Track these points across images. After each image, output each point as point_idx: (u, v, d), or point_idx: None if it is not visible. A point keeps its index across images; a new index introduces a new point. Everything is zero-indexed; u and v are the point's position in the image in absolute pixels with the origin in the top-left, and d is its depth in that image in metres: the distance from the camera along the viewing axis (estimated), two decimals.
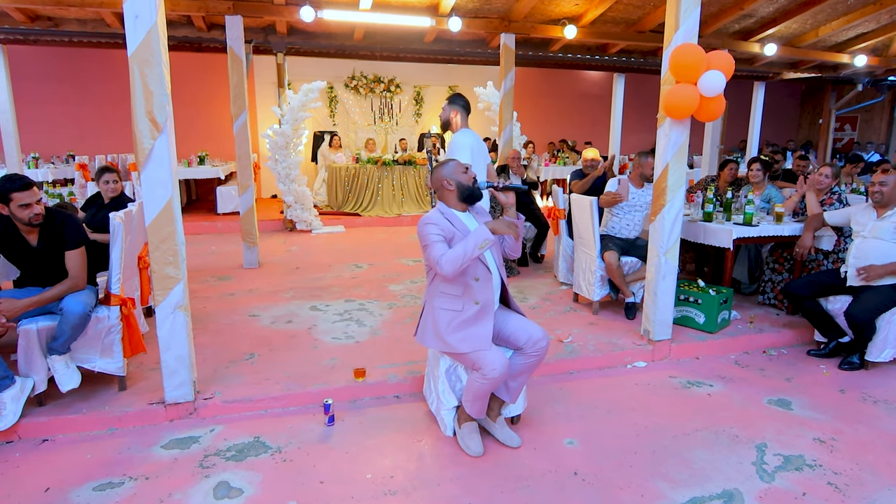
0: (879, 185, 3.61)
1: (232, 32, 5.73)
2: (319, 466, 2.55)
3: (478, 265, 2.58)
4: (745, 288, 5.05)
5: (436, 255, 2.46)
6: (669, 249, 3.62)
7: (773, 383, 3.47)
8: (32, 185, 2.77)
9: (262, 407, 3.05)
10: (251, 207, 6.01)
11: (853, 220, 3.84)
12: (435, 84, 11.75)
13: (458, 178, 2.61)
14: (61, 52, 9.47)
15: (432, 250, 2.48)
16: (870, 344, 3.60)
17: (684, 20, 3.36)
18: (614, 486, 2.42)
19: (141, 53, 2.57)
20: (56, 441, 2.75)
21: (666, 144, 3.51)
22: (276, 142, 7.60)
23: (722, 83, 3.28)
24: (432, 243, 2.49)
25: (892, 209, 3.62)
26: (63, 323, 2.78)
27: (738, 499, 2.34)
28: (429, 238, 2.51)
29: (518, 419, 2.91)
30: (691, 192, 5.26)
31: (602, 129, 11.91)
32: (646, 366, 3.69)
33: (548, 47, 8.63)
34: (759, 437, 2.83)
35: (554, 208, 5.42)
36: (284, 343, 3.81)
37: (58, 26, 6.77)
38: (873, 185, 3.65)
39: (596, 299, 4.40)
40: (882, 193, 3.61)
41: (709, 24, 7.69)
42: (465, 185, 2.61)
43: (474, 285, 2.56)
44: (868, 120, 13.95)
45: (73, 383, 2.86)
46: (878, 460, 2.64)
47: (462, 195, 2.62)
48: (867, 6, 7.43)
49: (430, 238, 2.50)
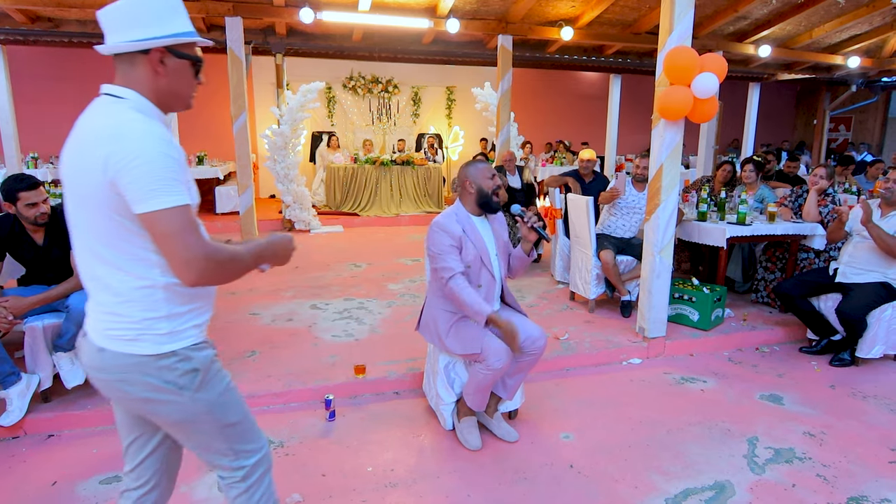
0: (894, 183, 3.65)
1: (232, 34, 5.79)
2: (321, 460, 2.60)
3: (482, 271, 2.61)
4: (738, 286, 5.13)
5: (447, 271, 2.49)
6: (664, 248, 3.68)
7: (765, 379, 3.54)
8: (39, 185, 2.81)
9: (264, 403, 3.10)
10: (250, 207, 6.06)
11: (855, 220, 3.87)
12: (433, 85, 11.80)
13: (481, 182, 2.59)
14: (61, 52, 9.49)
15: (442, 261, 2.51)
16: (860, 341, 3.67)
17: (678, 23, 3.42)
18: (609, 478, 2.49)
19: None
20: (62, 436, 2.80)
21: (660, 145, 3.57)
22: (274, 142, 7.65)
23: (715, 85, 3.35)
24: (441, 255, 2.52)
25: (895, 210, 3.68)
26: (68, 320, 2.83)
27: (729, 490, 2.41)
28: (440, 247, 2.52)
29: (515, 414, 2.97)
30: (686, 192, 5.34)
31: (599, 130, 11.98)
32: (641, 362, 3.76)
33: (545, 48, 8.71)
34: (750, 431, 2.90)
35: (551, 208, 5.48)
36: (285, 341, 3.86)
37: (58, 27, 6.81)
38: (887, 181, 3.69)
39: (592, 297, 4.46)
40: (892, 191, 3.65)
41: (704, 25, 7.77)
42: (485, 191, 2.59)
43: (477, 291, 2.60)
44: (862, 121, 14.06)
45: (78, 380, 2.91)
46: (866, 453, 2.71)
47: (479, 200, 2.61)
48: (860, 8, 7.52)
49: (440, 247, 2.52)
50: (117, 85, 1.30)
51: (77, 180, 1.26)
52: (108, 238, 1.26)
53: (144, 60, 1.28)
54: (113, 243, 1.27)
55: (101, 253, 1.28)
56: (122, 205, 1.21)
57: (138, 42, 1.26)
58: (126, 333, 1.30)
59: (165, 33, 1.28)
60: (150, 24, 1.26)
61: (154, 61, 1.29)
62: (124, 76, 1.30)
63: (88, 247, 1.30)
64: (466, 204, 2.65)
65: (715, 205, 4.61)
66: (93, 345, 1.33)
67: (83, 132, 1.27)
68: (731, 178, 5.23)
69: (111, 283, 1.29)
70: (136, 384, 1.32)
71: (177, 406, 1.35)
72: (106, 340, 1.32)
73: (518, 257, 2.75)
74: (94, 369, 1.35)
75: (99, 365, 1.33)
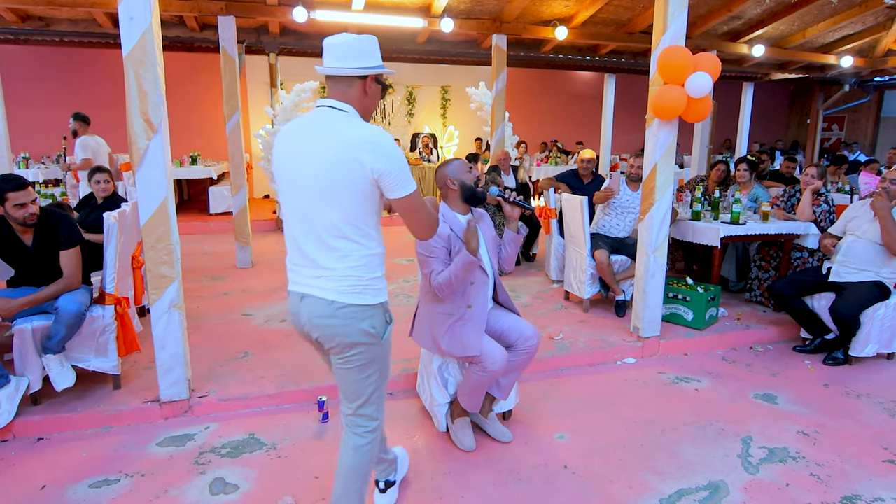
0: (891, 183, 3.65)
1: (224, 33, 5.74)
2: (314, 462, 2.58)
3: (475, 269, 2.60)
4: (732, 285, 5.14)
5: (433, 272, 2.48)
6: (658, 248, 3.68)
7: (759, 378, 3.54)
8: (28, 185, 2.78)
9: (257, 404, 3.08)
10: (244, 207, 6.02)
11: (849, 219, 3.88)
12: (428, 84, 11.78)
13: (462, 176, 2.57)
14: (52, 51, 9.42)
15: (429, 265, 2.50)
16: (854, 339, 3.68)
17: (672, 23, 3.42)
18: (604, 478, 2.48)
19: (136, 55, 2.60)
20: (51, 440, 2.77)
21: (654, 144, 3.57)
22: (268, 142, 7.60)
23: (709, 85, 3.35)
24: (430, 258, 2.50)
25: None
26: (58, 322, 2.80)
27: (723, 490, 2.40)
28: (430, 250, 2.49)
29: (509, 415, 2.96)
30: (681, 191, 5.34)
31: (594, 129, 11.99)
32: (635, 362, 3.76)
33: (539, 48, 8.70)
34: (744, 430, 2.90)
35: (545, 208, 5.47)
36: (279, 342, 3.84)
37: (49, 26, 6.75)
38: (884, 180, 3.68)
39: (587, 297, 4.46)
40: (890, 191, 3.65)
41: (697, 25, 7.78)
42: (468, 184, 2.56)
43: (469, 288, 2.59)
44: (855, 120, 14.14)
45: (67, 382, 2.88)
46: (860, 452, 2.71)
47: (465, 195, 2.58)
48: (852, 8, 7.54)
49: (431, 250, 2.49)
50: (337, 100, 1.72)
51: (331, 173, 1.64)
52: (354, 218, 1.69)
53: (360, 83, 1.72)
54: (356, 223, 1.70)
55: (344, 231, 1.69)
56: (376, 193, 1.69)
57: (360, 69, 1.70)
58: (355, 288, 1.73)
59: (375, 65, 1.73)
60: (367, 58, 1.71)
61: (366, 84, 1.73)
62: (342, 94, 1.72)
63: (330, 227, 1.69)
64: (452, 203, 2.62)
65: (709, 204, 4.62)
66: (322, 300, 1.73)
67: (329, 136, 1.65)
68: (726, 178, 5.24)
69: (349, 252, 1.71)
70: (353, 329, 1.74)
71: (370, 349, 1.79)
72: (338, 295, 1.72)
73: (509, 240, 2.71)
74: (322, 317, 1.74)
75: (329, 313, 1.73)
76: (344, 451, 1.88)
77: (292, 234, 1.77)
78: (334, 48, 1.70)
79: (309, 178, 1.67)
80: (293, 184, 1.71)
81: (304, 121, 1.74)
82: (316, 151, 1.65)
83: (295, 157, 1.70)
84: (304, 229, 1.73)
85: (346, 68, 1.69)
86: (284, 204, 1.78)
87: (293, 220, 1.75)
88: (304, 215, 1.71)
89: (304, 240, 1.74)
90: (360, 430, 1.87)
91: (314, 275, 1.75)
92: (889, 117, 13.70)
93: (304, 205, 1.70)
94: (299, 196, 1.70)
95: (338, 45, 1.70)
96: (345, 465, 1.86)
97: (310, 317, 1.76)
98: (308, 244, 1.73)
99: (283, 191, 1.76)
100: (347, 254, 1.71)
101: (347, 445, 1.88)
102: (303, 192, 1.69)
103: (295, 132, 1.73)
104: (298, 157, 1.69)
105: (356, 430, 1.87)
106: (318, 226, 1.70)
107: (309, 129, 1.70)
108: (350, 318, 1.73)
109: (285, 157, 1.73)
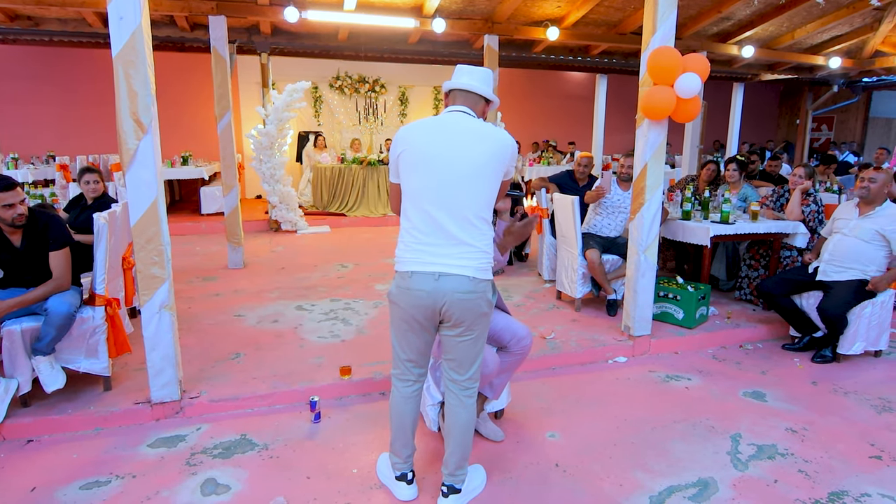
0: (869, 182, 3.66)
1: (215, 32, 5.72)
2: (306, 462, 2.58)
3: None
4: (722, 284, 5.18)
5: None
6: (648, 247, 3.70)
7: (748, 376, 3.58)
8: (16, 186, 2.76)
9: (249, 405, 3.07)
10: (236, 208, 6.00)
11: (835, 218, 3.93)
12: (420, 84, 11.79)
13: None
14: (41, 51, 9.35)
15: None
16: (841, 337, 3.72)
17: (662, 23, 3.45)
18: (595, 476, 2.50)
19: (125, 55, 2.59)
20: (41, 441, 2.76)
21: (644, 145, 3.59)
22: (260, 142, 7.59)
23: (697, 85, 3.37)
24: None
25: (874, 209, 3.70)
26: (47, 323, 2.78)
27: (712, 487, 2.43)
28: None
29: (501, 414, 2.97)
30: (671, 191, 5.38)
31: (585, 130, 12.04)
32: (626, 361, 3.78)
33: (531, 48, 8.73)
34: (734, 427, 2.93)
35: (537, 208, 5.49)
36: (270, 342, 3.83)
37: (38, 26, 6.70)
38: (862, 179, 3.70)
39: (578, 296, 4.48)
40: (869, 189, 3.67)
41: (688, 26, 7.84)
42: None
43: None
44: (844, 120, 14.28)
45: (57, 384, 2.86)
46: (848, 449, 2.75)
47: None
48: (840, 9, 7.62)
49: None
50: (467, 107, 2.11)
51: (484, 162, 1.99)
52: (487, 204, 2.05)
53: (483, 103, 2.16)
54: (488, 208, 2.06)
55: (482, 213, 2.03)
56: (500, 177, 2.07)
57: (488, 93, 2.15)
58: (485, 266, 2.06)
59: (492, 93, 2.17)
60: (490, 86, 2.18)
61: (486, 105, 2.18)
62: (471, 105, 2.12)
63: (475, 208, 2.01)
64: None
65: (699, 204, 4.65)
66: (463, 276, 2.00)
67: (483, 134, 2.02)
68: (716, 178, 5.28)
69: (486, 231, 2.06)
70: (482, 300, 2.05)
71: (486, 318, 2.12)
72: (475, 272, 2.02)
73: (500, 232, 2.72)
74: (463, 292, 2.01)
75: (470, 288, 2.01)
76: (457, 410, 2.19)
77: (430, 216, 2.00)
78: (476, 73, 2.15)
79: (465, 166, 1.97)
80: (443, 170, 1.97)
81: (445, 120, 2.06)
82: (472, 144, 1.99)
83: (447, 147, 1.98)
84: (449, 210, 1.98)
85: (484, 90, 2.13)
86: (424, 189, 2.00)
87: (435, 202, 1.99)
88: (453, 197, 1.98)
89: (448, 220, 1.99)
90: (469, 392, 2.20)
91: (455, 252, 2.01)
92: (877, 118, 13.86)
93: (453, 189, 1.98)
94: (448, 181, 1.97)
95: (480, 71, 2.16)
96: (461, 422, 2.20)
97: (453, 292, 2.00)
98: (452, 224, 1.99)
99: (426, 176, 1.99)
100: (484, 232, 2.05)
101: (459, 406, 2.19)
102: (454, 178, 1.97)
103: (437, 128, 2.04)
104: (452, 147, 1.98)
105: (466, 392, 2.19)
106: (465, 207, 1.99)
107: (455, 126, 2.04)
108: (483, 291, 2.05)
109: (430, 147, 1.99)
